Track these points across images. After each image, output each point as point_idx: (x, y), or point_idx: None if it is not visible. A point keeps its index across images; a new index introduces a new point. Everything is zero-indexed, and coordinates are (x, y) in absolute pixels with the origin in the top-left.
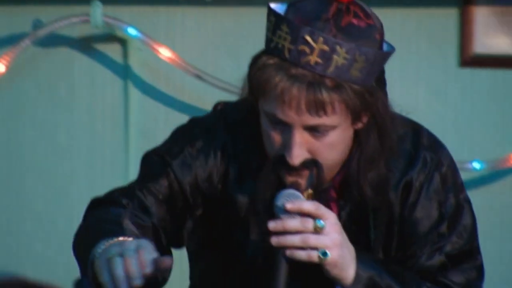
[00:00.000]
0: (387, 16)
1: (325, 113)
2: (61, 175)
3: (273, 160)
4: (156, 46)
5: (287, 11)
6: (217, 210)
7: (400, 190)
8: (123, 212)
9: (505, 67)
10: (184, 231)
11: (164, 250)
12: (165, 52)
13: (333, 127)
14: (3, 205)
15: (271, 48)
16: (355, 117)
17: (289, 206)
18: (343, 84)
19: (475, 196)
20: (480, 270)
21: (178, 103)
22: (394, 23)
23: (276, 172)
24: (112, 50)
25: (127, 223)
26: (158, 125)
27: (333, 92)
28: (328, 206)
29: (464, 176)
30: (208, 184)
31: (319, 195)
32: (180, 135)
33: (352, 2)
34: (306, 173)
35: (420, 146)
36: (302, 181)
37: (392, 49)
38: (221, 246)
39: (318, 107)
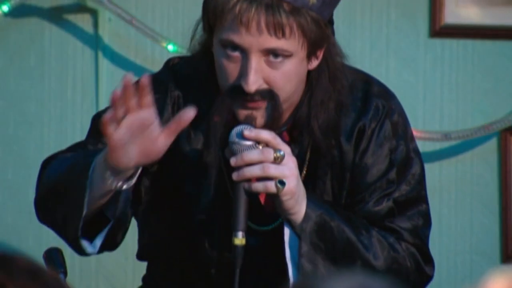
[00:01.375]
0: None
1: (283, 35)
2: (32, 144)
3: (229, 90)
4: (126, 16)
5: None
6: (169, 165)
7: (353, 138)
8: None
9: (475, 37)
10: (141, 187)
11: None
12: (135, 22)
13: (289, 55)
14: None
15: None
16: (311, 49)
17: (247, 133)
18: (300, 9)
19: (445, 166)
20: (426, 218)
21: (148, 72)
22: None
23: (231, 103)
24: (83, 20)
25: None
26: None
27: (291, 15)
28: None
29: (434, 146)
30: None
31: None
32: None
33: None
34: (262, 105)
35: (371, 94)
36: (257, 114)
37: None
38: (173, 203)
39: (277, 28)
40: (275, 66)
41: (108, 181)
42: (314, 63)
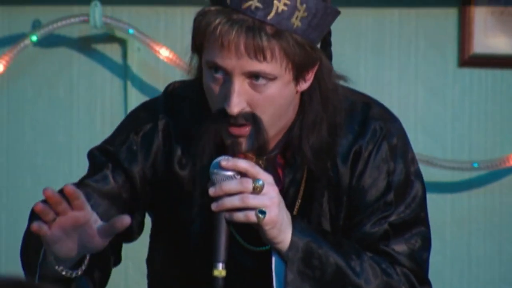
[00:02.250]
0: (386, 16)
1: (265, 58)
2: (60, 175)
3: (214, 114)
4: (155, 46)
5: None
6: (163, 192)
7: (349, 160)
8: None
9: (503, 66)
10: (133, 222)
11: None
12: (164, 52)
13: (273, 78)
14: (2, 204)
15: None
16: (298, 72)
17: (224, 163)
18: (283, 32)
19: (474, 196)
20: (425, 240)
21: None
22: (393, 23)
23: (216, 127)
24: (111, 51)
25: None
26: None
27: (273, 38)
28: (276, 173)
29: (463, 176)
30: (154, 170)
31: (267, 162)
32: (127, 121)
33: None
34: (244, 131)
35: (370, 117)
36: (242, 141)
37: (336, 9)
38: (170, 228)
39: (257, 51)
40: (258, 89)
41: (54, 266)
42: (304, 85)
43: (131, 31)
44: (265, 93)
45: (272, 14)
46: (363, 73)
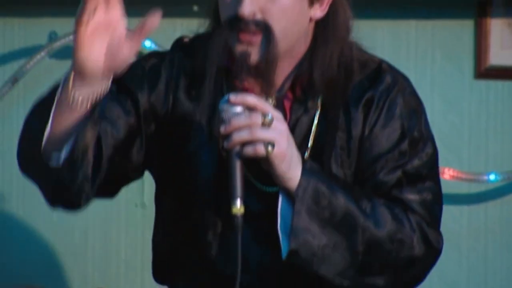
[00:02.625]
0: (402, 28)
1: None
2: None
3: (225, 21)
4: None
5: None
6: (168, 128)
7: (361, 106)
8: None
9: None
10: (134, 149)
11: (100, 158)
12: None
13: None
14: (18, 216)
15: None
16: None
17: (232, 98)
18: None
19: (491, 208)
20: (436, 196)
21: None
22: (409, 35)
23: (226, 34)
24: None
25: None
26: None
27: None
28: (285, 113)
29: (480, 188)
30: (159, 101)
31: (276, 100)
32: (133, 63)
33: None
34: (256, 39)
35: (384, 71)
36: (252, 50)
37: None
38: (175, 180)
39: None
40: None
41: (72, 95)
42: (318, 13)
43: (147, 43)
44: (278, 2)
45: None
46: None
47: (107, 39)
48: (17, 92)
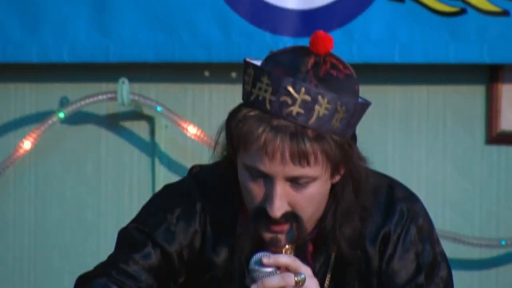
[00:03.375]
0: (414, 93)
1: (308, 163)
2: (88, 253)
3: (254, 212)
4: (183, 124)
5: (266, 63)
6: (196, 275)
7: (378, 243)
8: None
9: None
10: None
11: None
12: (191, 130)
13: (314, 179)
14: (31, 282)
15: (251, 101)
16: (334, 169)
17: (265, 260)
18: (324, 134)
19: (503, 273)
20: None
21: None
22: (421, 100)
23: (256, 225)
24: (139, 128)
25: None
26: None
27: (315, 142)
28: (305, 259)
29: (491, 254)
30: (189, 250)
31: (297, 250)
32: (158, 204)
33: (329, 54)
34: (285, 228)
35: (395, 198)
36: (282, 237)
37: (368, 102)
38: None
39: (301, 158)
40: (299, 190)
41: None
42: (337, 178)
43: (159, 108)
44: (305, 193)
45: (313, 119)
46: (390, 151)
47: None
48: (29, 157)
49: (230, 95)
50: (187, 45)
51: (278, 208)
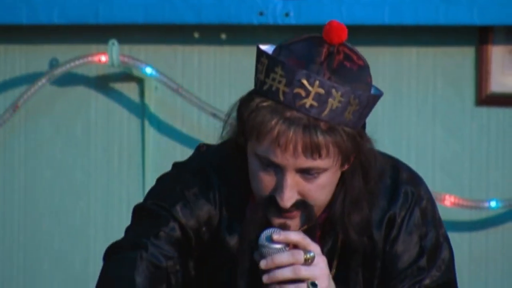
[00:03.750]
0: (403, 55)
1: (320, 156)
2: (78, 214)
3: (263, 201)
4: (172, 85)
5: (278, 52)
6: (209, 253)
7: (383, 227)
8: (137, 265)
9: None
10: (189, 272)
11: None
12: (181, 91)
13: (324, 170)
14: (20, 244)
15: (264, 91)
16: (345, 160)
17: (276, 236)
18: (337, 127)
19: (492, 234)
20: None
21: (194, 141)
22: (410, 62)
23: (265, 213)
24: (129, 89)
25: (139, 282)
26: None
27: (328, 135)
28: (315, 242)
29: (481, 215)
30: (207, 228)
31: (305, 234)
32: (172, 182)
33: (342, 44)
34: (295, 214)
35: (400, 181)
36: (291, 223)
37: (380, 92)
38: None
39: (314, 150)
40: (309, 180)
41: None
42: (347, 165)
43: (148, 70)
44: (315, 183)
45: (326, 111)
46: (380, 113)
47: None
48: (18, 118)
49: (220, 57)
50: (176, 6)
51: (288, 199)
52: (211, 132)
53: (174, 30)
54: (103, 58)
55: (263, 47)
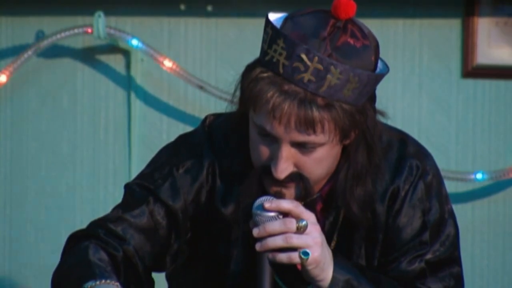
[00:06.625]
0: (390, 27)
1: (314, 131)
2: (64, 185)
3: (259, 170)
4: (158, 57)
5: (284, 24)
6: (203, 228)
7: (386, 200)
8: (89, 249)
9: (507, 77)
10: (167, 256)
11: (139, 276)
12: (167, 63)
13: (321, 144)
14: (6, 216)
15: (265, 61)
16: (343, 135)
17: (267, 205)
18: (334, 103)
19: (478, 206)
20: (458, 280)
21: (180, 113)
22: (397, 34)
23: (260, 182)
24: (115, 61)
25: (94, 261)
26: (161, 136)
27: (324, 110)
28: (315, 214)
29: (467, 187)
30: (195, 205)
31: (305, 207)
32: (167, 156)
33: (350, 20)
34: (291, 184)
35: (406, 154)
36: (287, 192)
37: (386, 70)
38: (204, 262)
39: (308, 125)
40: (305, 153)
41: None
42: (349, 140)
43: (134, 42)
44: (312, 156)
45: (324, 87)
46: None
47: None
48: (4, 91)
49: (206, 29)
50: None
51: (282, 171)
52: (197, 104)
53: (160, 2)
54: (89, 30)
55: (272, 16)
